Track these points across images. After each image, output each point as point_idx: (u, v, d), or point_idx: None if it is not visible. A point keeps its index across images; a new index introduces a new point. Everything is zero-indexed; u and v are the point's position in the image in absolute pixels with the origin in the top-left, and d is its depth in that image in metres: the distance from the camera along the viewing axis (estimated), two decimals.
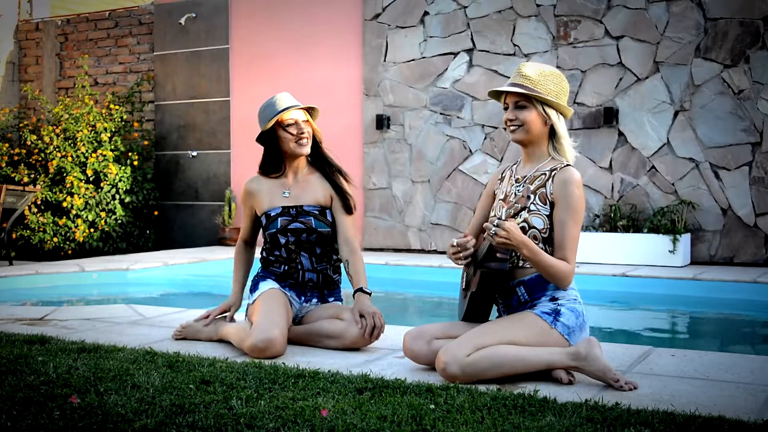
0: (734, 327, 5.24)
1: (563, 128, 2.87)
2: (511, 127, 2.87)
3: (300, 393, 2.47)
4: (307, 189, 3.48)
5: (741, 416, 2.27)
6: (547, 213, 2.79)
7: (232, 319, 3.49)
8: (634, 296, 5.95)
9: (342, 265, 3.46)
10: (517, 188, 2.88)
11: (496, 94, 2.95)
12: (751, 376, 2.79)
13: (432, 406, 2.32)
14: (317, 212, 3.44)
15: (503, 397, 2.41)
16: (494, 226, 2.65)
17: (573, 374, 2.70)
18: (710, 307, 5.68)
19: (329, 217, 3.45)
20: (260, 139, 3.49)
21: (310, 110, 3.50)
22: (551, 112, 2.83)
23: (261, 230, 3.53)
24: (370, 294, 3.31)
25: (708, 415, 2.25)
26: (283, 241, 3.42)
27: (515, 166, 3.01)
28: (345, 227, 3.44)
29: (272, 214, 3.44)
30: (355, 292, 3.31)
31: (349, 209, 3.44)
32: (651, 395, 2.54)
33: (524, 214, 2.79)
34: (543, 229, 2.79)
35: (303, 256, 3.44)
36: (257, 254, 3.65)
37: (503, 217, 2.70)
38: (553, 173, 2.81)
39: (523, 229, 2.79)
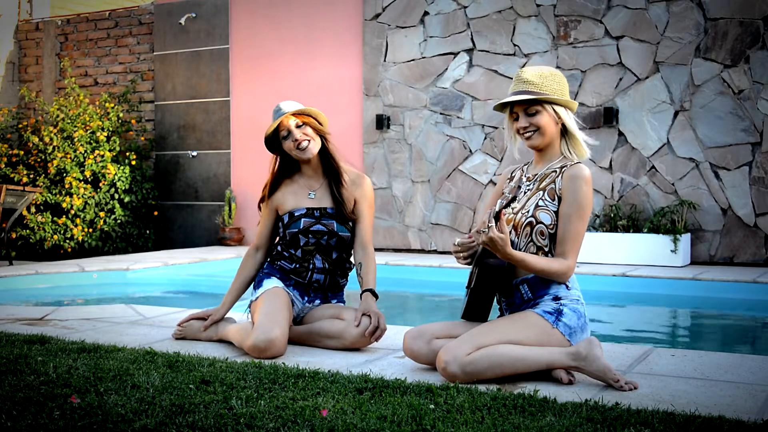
0: (734, 327, 5.24)
1: (574, 124, 2.87)
2: (527, 134, 2.85)
3: (300, 393, 2.47)
4: (330, 192, 3.45)
5: (741, 416, 2.27)
6: (555, 209, 2.80)
7: (206, 328, 3.44)
8: (634, 296, 5.95)
9: (354, 268, 3.43)
10: (528, 186, 2.89)
11: (501, 107, 2.93)
12: (751, 376, 2.79)
13: (432, 406, 2.32)
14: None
15: (503, 397, 2.41)
16: (487, 227, 2.65)
17: (573, 374, 2.70)
18: (710, 307, 5.68)
19: (350, 222, 3.44)
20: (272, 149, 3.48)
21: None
22: (561, 111, 2.84)
23: (281, 228, 3.45)
24: (377, 297, 3.30)
25: (708, 415, 2.25)
26: (302, 242, 3.40)
27: (526, 166, 3.02)
28: (362, 231, 3.43)
29: (296, 214, 3.40)
30: (363, 292, 3.30)
31: (340, 214, 3.41)
32: (651, 395, 2.53)
33: (515, 204, 2.79)
34: (550, 224, 2.79)
35: (317, 258, 3.42)
36: None
37: (497, 209, 2.72)
38: (563, 170, 2.82)
39: (530, 224, 2.79)
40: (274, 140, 3.44)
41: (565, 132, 2.89)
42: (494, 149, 7.66)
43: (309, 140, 3.37)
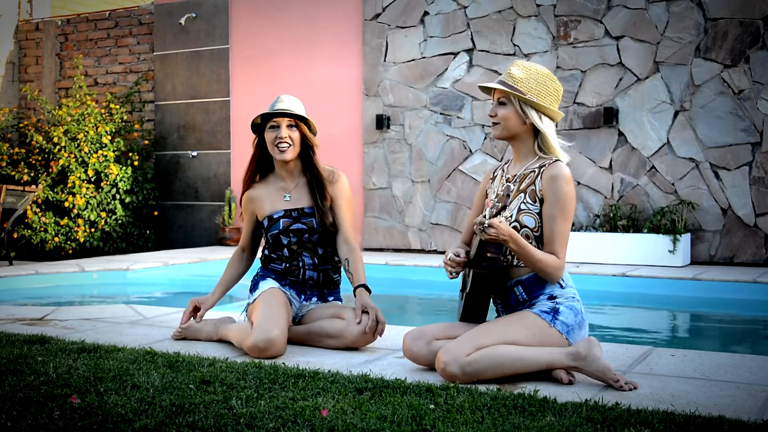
0: (734, 327, 5.24)
1: (547, 127, 2.84)
2: (492, 122, 2.90)
3: (300, 393, 2.47)
4: (307, 192, 3.47)
5: (741, 416, 2.27)
6: (538, 211, 2.80)
7: (200, 319, 3.45)
8: (634, 296, 5.94)
9: (342, 265, 3.45)
10: (508, 187, 2.88)
11: (487, 90, 2.97)
12: (751, 376, 2.79)
13: (432, 406, 2.32)
14: None
15: (503, 397, 2.41)
16: (481, 225, 2.64)
17: (573, 374, 2.70)
18: (710, 307, 5.68)
19: (331, 218, 3.45)
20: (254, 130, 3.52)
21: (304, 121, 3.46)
22: (530, 111, 2.82)
23: (263, 232, 3.52)
24: (370, 291, 3.31)
25: (708, 415, 2.25)
26: (285, 241, 3.43)
27: (506, 165, 3.01)
28: (344, 228, 3.45)
29: (275, 217, 3.44)
30: (356, 288, 3.31)
31: (322, 224, 3.42)
32: (651, 395, 2.54)
33: (506, 213, 2.79)
34: (535, 227, 2.79)
35: (305, 255, 3.44)
36: (258, 254, 3.64)
37: (487, 217, 2.70)
38: (541, 170, 2.82)
39: (515, 228, 2.79)
40: (262, 125, 3.47)
41: (538, 132, 2.87)
42: (494, 149, 7.67)
43: (289, 145, 3.39)
